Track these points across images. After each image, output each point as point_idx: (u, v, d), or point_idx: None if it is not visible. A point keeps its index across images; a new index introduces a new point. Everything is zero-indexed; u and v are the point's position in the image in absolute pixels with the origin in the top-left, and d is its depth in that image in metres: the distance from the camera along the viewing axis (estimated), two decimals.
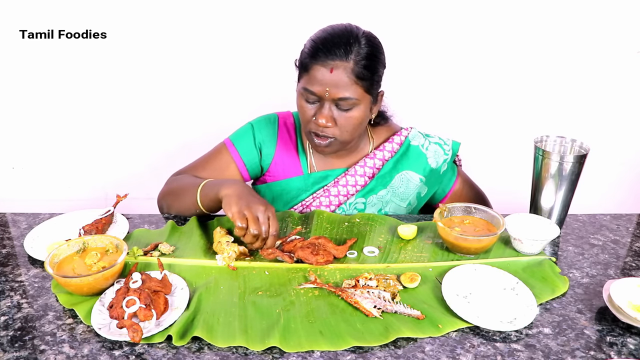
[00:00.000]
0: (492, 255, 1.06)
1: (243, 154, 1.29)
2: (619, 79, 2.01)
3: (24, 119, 2.01)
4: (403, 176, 1.29)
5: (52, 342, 0.80)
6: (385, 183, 1.29)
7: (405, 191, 1.30)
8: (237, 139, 1.31)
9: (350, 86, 1.11)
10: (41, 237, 1.09)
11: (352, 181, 1.29)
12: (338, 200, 1.29)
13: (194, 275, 0.97)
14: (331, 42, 1.11)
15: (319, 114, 1.14)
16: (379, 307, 0.87)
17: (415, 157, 1.30)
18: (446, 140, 1.34)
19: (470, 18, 1.92)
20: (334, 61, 1.10)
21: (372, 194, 1.28)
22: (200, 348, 0.79)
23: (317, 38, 1.15)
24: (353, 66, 1.11)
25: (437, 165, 1.31)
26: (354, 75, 1.11)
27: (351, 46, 1.11)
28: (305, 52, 1.15)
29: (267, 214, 1.01)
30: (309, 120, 1.17)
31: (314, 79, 1.12)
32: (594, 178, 1.70)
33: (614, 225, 1.21)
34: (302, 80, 1.16)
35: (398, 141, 1.32)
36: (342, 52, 1.10)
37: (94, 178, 2.12)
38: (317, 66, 1.11)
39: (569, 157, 1.09)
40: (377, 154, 1.31)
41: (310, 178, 1.30)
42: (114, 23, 1.86)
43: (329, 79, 1.11)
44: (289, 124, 1.33)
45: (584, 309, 0.90)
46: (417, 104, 1.81)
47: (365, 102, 1.16)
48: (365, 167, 1.30)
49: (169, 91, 1.99)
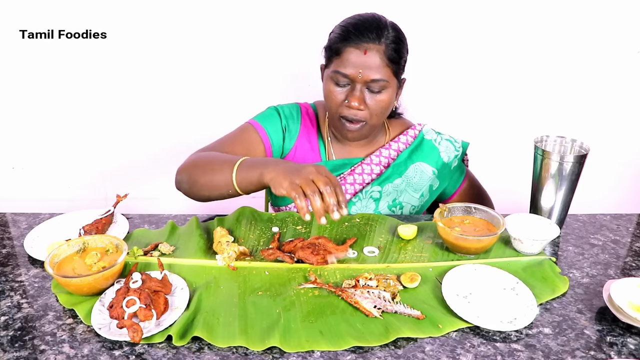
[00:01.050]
0: (492, 255, 1.06)
1: (271, 135, 1.29)
2: (619, 79, 2.01)
3: (24, 119, 2.01)
4: (417, 167, 1.32)
5: (52, 342, 0.80)
6: (400, 172, 1.31)
7: (419, 182, 1.33)
8: (264, 120, 1.30)
9: (382, 68, 1.14)
10: (41, 237, 1.09)
11: (368, 170, 1.31)
12: (354, 188, 1.30)
13: (194, 275, 0.97)
14: (362, 26, 1.15)
15: (351, 96, 1.16)
16: (379, 307, 0.87)
17: (429, 150, 1.34)
18: (456, 139, 1.38)
19: (469, 18, 1.92)
20: (367, 43, 1.13)
21: (387, 182, 1.30)
22: (200, 348, 0.79)
23: (347, 24, 1.17)
24: (385, 48, 1.14)
25: (449, 159, 1.35)
26: (386, 57, 1.14)
27: (382, 30, 1.14)
28: (335, 37, 1.17)
29: (319, 172, 0.93)
30: (340, 105, 1.19)
31: (347, 61, 1.14)
32: (594, 178, 1.70)
33: (614, 225, 1.21)
34: (332, 64, 1.18)
35: (412, 134, 1.36)
36: (374, 35, 1.13)
37: (94, 178, 2.12)
38: (350, 48, 1.14)
39: (569, 157, 1.09)
40: (392, 145, 1.34)
41: (328, 165, 1.31)
42: (114, 23, 1.86)
43: (362, 60, 1.13)
44: (310, 113, 1.35)
45: (584, 309, 0.90)
46: (417, 104, 1.80)
47: (393, 85, 1.19)
48: (380, 156, 1.32)
49: (169, 91, 1.99)
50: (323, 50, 1.23)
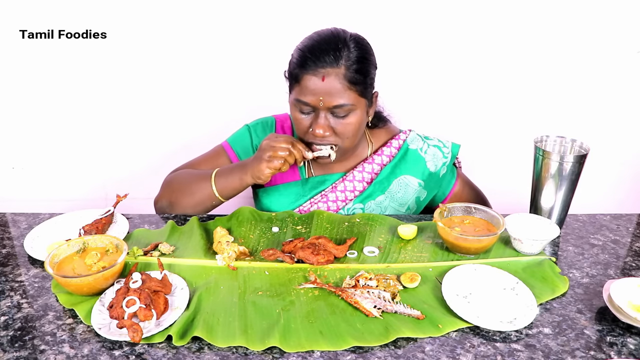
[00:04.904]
0: (492, 255, 1.06)
1: (240, 156, 1.28)
2: (619, 79, 2.01)
3: (24, 119, 2.01)
4: (401, 181, 1.28)
5: (52, 342, 0.80)
6: (383, 188, 1.27)
7: (404, 196, 1.29)
8: (235, 142, 1.30)
9: (344, 92, 1.09)
10: (41, 237, 1.09)
11: (350, 186, 1.27)
12: (336, 205, 1.27)
13: (194, 275, 0.97)
14: (319, 50, 1.09)
15: (315, 124, 1.12)
16: (379, 307, 0.87)
17: (414, 161, 1.29)
18: (445, 142, 1.33)
19: (468, 18, 1.91)
20: (324, 69, 1.08)
21: (370, 199, 1.27)
22: (200, 348, 0.79)
23: (304, 47, 1.12)
24: (345, 71, 1.08)
25: (437, 168, 1.30)
26: (347, 81, 1.09)
27: (340, 51, 1.08)
28: (294, 63, 1.13)
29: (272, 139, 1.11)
30: (306, 132, 1.15)
31: (306, 89, 1.09)
32: (594, 178, 1.70)
33: (614, 225, 1.21)
34: (293, 92, 1.14)
35: (396, 145, 1.31)
36: (331, 58, 1.08)
37: (94, 178, 2.12)
38: (307, 76, 1.09)
39: (569, 157, 1.09)
40: (375, 159, 1.29)
41: (308, 183, 1.28)
42: (114, 23, 1.86)
43: (321, 87, 1.08)
44: (286, 127, 1.32)
45: (584, 309, 0.90)
46: (416, 104, 1.81)
47: (361, 106, 1.14)
48: (363, 172, 1.28)
49: (169, 91, 1.99)
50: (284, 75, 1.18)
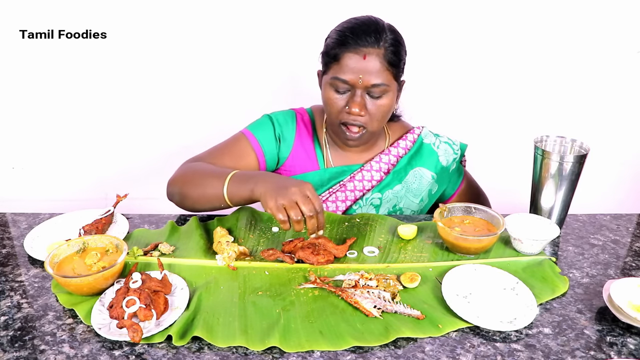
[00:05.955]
0: (492, 255, 1.06)
1: (263, 144, 1.27)
2: (619, 79, 2.01)
3: (24, 119, 2.01)
4: (416, 172, 1.32)
5: (52, 342, 0.80)
6: (400, 178, 1.30)
7: (419, 187, 1.32)
8: (256, 129, 1.29)
9: (382, 72, 1.13)
10: (41, 237, 1.09)
11: (368, 176, 1.30)
12: (354, 195, 1.29)
13: (194, 275, 0.97)
14: (360, 30, 1.12)
15: (352, 102, 1.14)
16: (379, 307, 0.87)
17: (428, 155, 1.33)
18: (454, 140, 1.38)
19: (468, 18, 1.91)
20: (366, 48, 1.11)
21: (388, 188, 1.30)
22: (200, 348, 0.79)
23: (344, 28, 1.15)
24: (384, 52, 1.12)
25: (447, 163, 1.35)
26: (386, 61, 1.13)
27: (380, 34, 1.13)
28: (333, 42, 1.15)
29: (303, 193, 0.96)
30: (340, 111, 1.17)
31: (346, 67, 1.12)
32: (594, 178, 1.70)
33: (614, 225, 1.21)
34: (331, 71, 1.16)
35: (411, 139, 1.35)
36: (373, 39, 1.12)
37: (94, 178, 2.12)
38: (349, 54, 1.12)
39: (569, 157, 1.09)
40: (392, 151, 1.33)
41: (326, 173, 1.30)
42: (114, 23, 1.86)
43: (362, 66, 1.12)
44: (305, 120, 1.33)
45: (584, 309, 0.90)
46: (416, 104, 1.80)
47: (393, 89, 1.18)
48: (380, 162, 1.31)
49: (169, 92, 1.99)
50: (320, 56, 1.21)
